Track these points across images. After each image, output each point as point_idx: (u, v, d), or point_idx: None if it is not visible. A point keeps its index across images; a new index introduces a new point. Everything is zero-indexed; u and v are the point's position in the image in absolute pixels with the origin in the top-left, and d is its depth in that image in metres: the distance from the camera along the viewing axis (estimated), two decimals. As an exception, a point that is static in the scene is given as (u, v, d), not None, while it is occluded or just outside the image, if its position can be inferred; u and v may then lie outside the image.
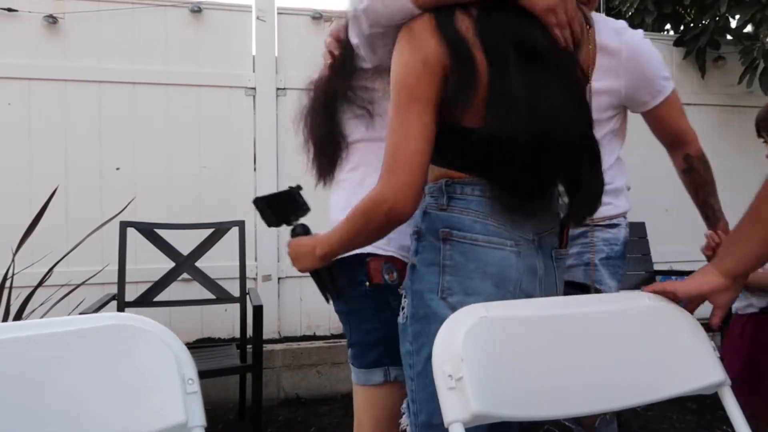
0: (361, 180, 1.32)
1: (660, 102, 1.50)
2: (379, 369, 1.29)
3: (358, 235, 1.08)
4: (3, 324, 0.86)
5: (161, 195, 3.06)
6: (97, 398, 0.83)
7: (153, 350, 0.87)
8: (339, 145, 1.38)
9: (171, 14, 3.11)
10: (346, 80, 1.31)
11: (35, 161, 2.93)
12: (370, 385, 1.31)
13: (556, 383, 0.91)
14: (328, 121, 1.37)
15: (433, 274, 1.05)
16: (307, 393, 3.05)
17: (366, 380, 1.31)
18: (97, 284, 2.75)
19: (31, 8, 2.90)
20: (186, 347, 0.90)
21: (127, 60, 3.05)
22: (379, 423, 1.31)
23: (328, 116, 1.36)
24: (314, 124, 1.41)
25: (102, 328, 0.87)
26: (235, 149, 3.20)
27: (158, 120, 3.08)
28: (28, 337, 0.83)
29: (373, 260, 1.27)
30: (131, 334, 0.87)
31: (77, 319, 0.88)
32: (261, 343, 2.45)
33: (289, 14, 3.27)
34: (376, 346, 1.29)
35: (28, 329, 0.84)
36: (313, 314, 3.29)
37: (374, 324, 1.29)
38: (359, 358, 1.33)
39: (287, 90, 3.23)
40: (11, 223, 2.56)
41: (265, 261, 3.21)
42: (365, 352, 1.31)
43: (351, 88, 1.31)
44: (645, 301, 1.03)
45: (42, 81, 2.94)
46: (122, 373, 0.85)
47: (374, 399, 1.32)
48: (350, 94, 1.31)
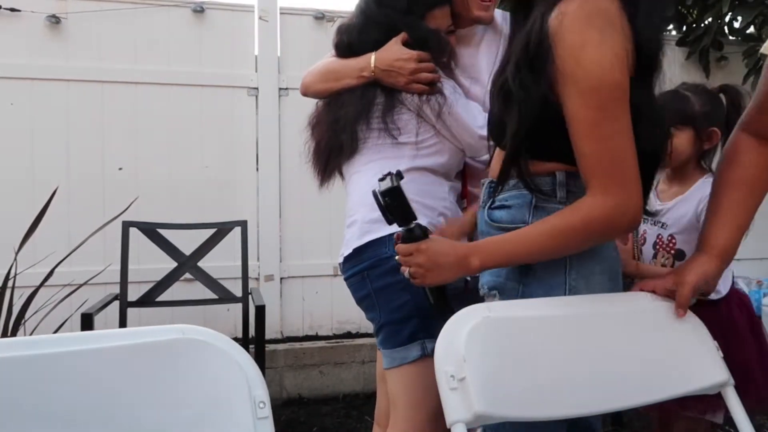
0: (380, 170, 1.34)
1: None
2: (416, 343, 1.28)
3: (567, 249, 0.98)
4: (62, 335, 0.80)
5: (163, 195, 3.06)
6: (159, 420, 0.77)
7: (221, 368, 0.81)
8: (354, 152, 1.41)
9: (173, 14, 3.11)
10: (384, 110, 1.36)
11: (37, 161, 2.93)
12: (406, 364, 1.29)
13: (559, 383, 0.91)
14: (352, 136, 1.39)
15: (558, 274, 1.00)
16: (310, 393, 3.05)
17: (402, 359, 1.29)
18: (100, 284, 2.75)
19: (33, 8, 2.90)
20: (257, 366, 0.84)
21: (129, 60, 3.05)
22: (416, 404, 1.29)
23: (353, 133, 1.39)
24: (330, 135, 1.42)
25: (166, 342, 0.81)
26: (238, 149, 3.20)
27: (160, 120, 3.08)
28: (83, 351, 0.78)
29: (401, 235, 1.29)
30: (198, 349, 0.81)
31: (140, 331, 0.82)
32: (263, 343, 2.45)
33: (291, 14, 3.27)
34: (410, 319, 1.28)
35: (84, 342, 0.79)
36: (316, 314, 3.29)
37: (405, 298, 1.28)
38: (392, 336, 1.31)
39: (290, 90, 3.23)
40: (14, 223, 2.56)
41: (267, 261, 3.21)
42: (399, 328, 1.29)
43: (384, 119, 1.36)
44: (647, 300, 1.03)
45: (44, 81, 2.94)
46: (187, 392, 0.79)
47: (411, 378, 1.29)
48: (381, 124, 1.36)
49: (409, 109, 1.36)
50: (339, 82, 1.42)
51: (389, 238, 1.29)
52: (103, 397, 0.77)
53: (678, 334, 1.01)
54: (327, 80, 1.45)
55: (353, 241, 1.36)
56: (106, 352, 0.79)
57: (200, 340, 0.83)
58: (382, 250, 1.30)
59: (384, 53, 1.36)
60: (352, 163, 1.43)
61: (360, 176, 1.41)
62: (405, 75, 1.33)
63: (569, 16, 0.90)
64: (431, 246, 1.02)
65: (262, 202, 3.20)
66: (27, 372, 0.76)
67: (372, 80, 1.37)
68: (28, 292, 2.29)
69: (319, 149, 1.48)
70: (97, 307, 2.38)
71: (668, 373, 0.99)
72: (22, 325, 2.28)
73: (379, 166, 1.36)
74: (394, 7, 1.37)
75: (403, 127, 1.36)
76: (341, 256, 1.41)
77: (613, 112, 0.91)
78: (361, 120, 1.37)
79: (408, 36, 1.37)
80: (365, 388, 3.03)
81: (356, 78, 1.39)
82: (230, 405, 0.80)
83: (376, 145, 1.38)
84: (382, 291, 1.31)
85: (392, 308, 1.30)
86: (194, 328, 0.84)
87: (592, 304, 1.00)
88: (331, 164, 1.47)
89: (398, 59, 1.34)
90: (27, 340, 0.79)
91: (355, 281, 1.38)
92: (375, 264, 1.31)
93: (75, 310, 2.51)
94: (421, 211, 1.32)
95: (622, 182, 0.92)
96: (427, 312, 1.23)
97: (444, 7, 1.39)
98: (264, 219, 3.20)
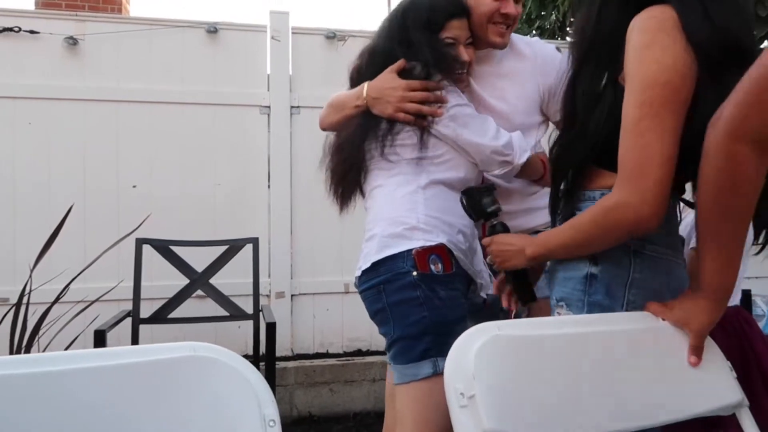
0: (399, 184, 1.39)
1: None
2: (428, 361, 1.27)
3: (586, 241, 1.03)
4: (73, 353, 0.80)
5: (177, 212, 3.09)
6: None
7: (232, 386, 0.80)
8: (369, 170, 1.44)
9: (188, 35, 3.17)
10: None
11: (54, 179, 2.98)
12: (417, 381, 1.28)
13: (568, 402, 0.90)
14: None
15: (618, 287, 1.03)
16: (320, 411, 3.04)
17: (413, 375, 1.28)
18: (113, 300, 2.78)
19: (52, 30, 2.97)
20: (267, 384, 0.83)
21: (144, 80, 3.11)
22: (425, 420, 1.28)
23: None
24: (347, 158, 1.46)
25: (177, 359, 0.81)
26: (250, 167, 3.23)
27: (174, 138, 3.13)
28: (94, 368, 0.78)
29: (419, 251, 1.29)
30: (208, 366, 0.81)
31: (151, 349, 0.82)
32: (274, 360, 2.45)
33: (303, 34, 3.31)
34: (424, 336, 1.27)
35: (95, 359, 0.79)
36: (326, 332, 3.29)
37: (422, 314, 1.28)
38: (405, 352, 1.30)
39: (301, 108, 3.26)
40: (31, 239, 2.60)
41: (278, 278, 3.22)
42: (412, 344, 1.29)
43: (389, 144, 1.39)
44: (658, 320, 1.02)
45: (62, 101, 2.99)
46: (198, 410, 0.79)
47: (421, 395, 1.28)
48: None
49: (413, 135, 1.37)
50: (341, 113, 1.47)
51: (407, 254, 1.30)
52: (114, 415, 0.78)
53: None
54: (334, 113, 1.50)
55: (371, 255, 1.36)
56: (117, 370, 0.79)
57: (211, 357, 0.82)
58: (400, 265, 1.30)
59: (376, 81, 1.40)
60: (371, 179, 1.44)
61: (380, 191, 1.42)
62: (392, 103, 1.35)
63: (638, 20, 0.97)
64: (499, 238, 1.22)
65: (274, 219, 3.22)
66: (39, 389, 0.76)
67: (366, 110, 1.40)
68: (43, 308, 2.32)
69: (335, 174, 1.50)
70: (110, 323, 2.40)
71: (681, 393, 0.98)
72: (36, 341, 2.30)
73: (397, 181, 1.38)
74: (414, 21, 1.39)
75: (402, 153, 1.38)
76: (358, 269, 1.40)
77: (657, 110, 0.92)
78: (365, 143, 1.39)
79: (414, 59, 1.38)
80: (376, 407, 3.00)
81: (353, 108, 1.43)
82: (240, 423, 0.79)
83: (391, 162, 1.39)
84: (397, 305, 1.31)
85: (407, 323, 1.29)
86: (205, 346, 0.84)
87: (603, 323, 1.00)
88: (349, 185, 1.48)
89: (388, 87, 1.37)
90: (39, 357, 0.80)
91: (370, 294, 1.37)
92: (392, 278, 1.31)
93: (87, 325, 2.53)
94: (441, 227, 1.34)
95: (636, 178, 0.93)
96: (442, 329, 1.24)
97: (462, 18, 1.42)
98: (275, 236, 3.22)
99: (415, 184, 1.36)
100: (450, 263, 1.32)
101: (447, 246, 1.32)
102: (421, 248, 1.30)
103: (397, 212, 1.35)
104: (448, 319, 1.29)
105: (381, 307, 1.34)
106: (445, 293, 1.29)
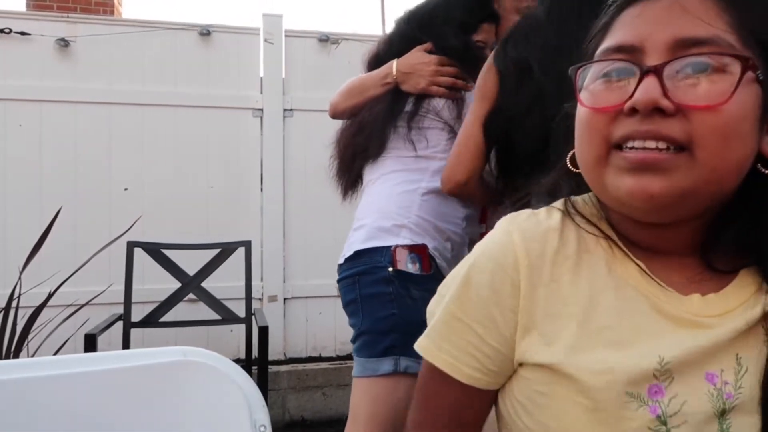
0: (399, 181, 1.39)
1: None
2: (390, 358, 1.26)
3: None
4: (62, 357, 0.79)
5: (169, 215, 3.08)
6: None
7: (222, 391, 0.79)
8: (378, 155, 1.44)
9: (181, 37, 3.16)
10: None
11: (45, 181, 2.96)
12: (376, 377, 1.27)
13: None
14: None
15: None
16: (313, 415, 3.02)
17: (373, 370, 1.28)
18: (104, 304, 2.75)
19: (43, 32, 2.95)
20: (258, 389, 0.82)
21: (136, 82, 3.09)
22: (376, 418, 1.27)
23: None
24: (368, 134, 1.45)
25: (168, 364, 0.79)
26: (242, 170, 3.22)
27: (166, 141, 3.11)
28: (83, 373, 0.76)
29: (398, 248, 1.30)
30: (199, 371, 0.79)
31: (141, 353, 0.80)
32: (266, 364, 2.44)
33: (296, 37, 3.31)
34: (390, 333, 1.27)
35: (84, 364, 0.78)
36: (319, 335, 3.28)
37: (391, 310, 1.28)
38: (369, 346, 1.30)
39: (294, 111, 3.25)
40: (22, 242, 2.58)
41: (271, 281, 3.21)
42: (377, 339, 1.28)
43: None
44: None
45: (53, 103, 2.98)
46: (188, 415, 0.78)
47: (377, 391, 1.28)
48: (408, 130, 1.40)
49: (438, 119, 1.38)
50: (364, 95, 1.45)
51: (387, 249, 1.30)
52: (104, 420, 0.76)
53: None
54: (352, 96, 1.48)
55: (357, 243, 1.37)
56: (106, 375, 0.78)
57: (201, 362, 0.81)
58: (378, 259, 1.31)
59: (406, 58, 1.41)
60: (374, 168, 1.44)
61: (378, 184, 1.42)
62: (425, 76, 1.37)
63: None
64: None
65: (267, 222, 3.21)
66: (28, 394, 0.75)
67: (395, 87, 1.40)
68: (32, 311, 2.29)
69: (343, 157, 1.49)
70: (101, 327, 2.38)
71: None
72: (26, 345, 2.27)
73: (399, 178, 1.38)
74: (446, 20, 1.42)
75: (430, 139, 1.38)
76: (342, 257, 1.41)
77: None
78: (389, 122, 1.39)
79: (441, 46, 1.41)
80: (369, 411, 2.99)
81: (380, 86, 1.42)
82: (231, 429, 0.78)
83: (399, 156, 1.39)
84: (369, 298, 1.31)
85: (375, 318, 1.30)
86: (196, 350, 0.82)
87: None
88: (355, 169, 1.48)
89: (419, 62, 1.38)
90: (27, 362, 0.79)
91: (345, 284, 1.38)
92: (368, 271, 1.32)
93: (78, 329, 2.51)
94: (430, 232, 1.34)
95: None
96: (409, 329, 1.22)
97: (492, 24, 1.44)
98: (268, 239, 3.21)
99: (415, 185, 1.37)
100: (429, 264, 1.32)
101: (429, 249, 1.32)
102: (402, 246, 1.30)
103: (392, 207, 1.36)
104: (417, 319, 1.28)
105: (353, 298, 1.34)
106: (418, 293, 1.28)
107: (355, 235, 1.39)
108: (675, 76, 0.53)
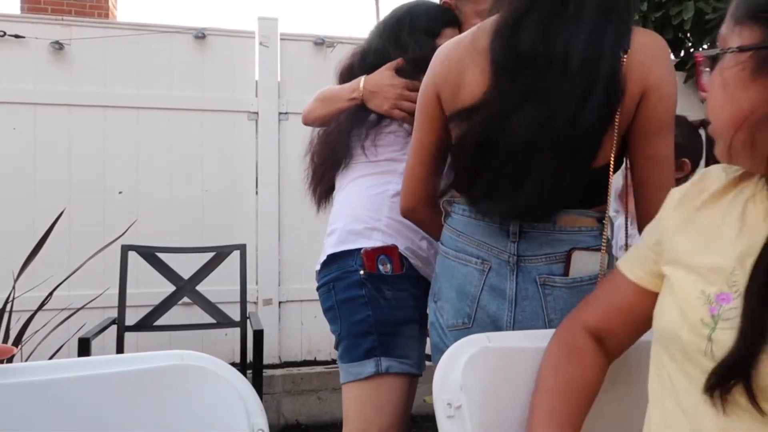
0: (371, 184, 1.40)
1: None
2: (371, 360, 1.28)
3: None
4: (56, 362, 0.79)
5: (163, 218, 3.07)
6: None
7: (219, 395, 0.79)
8: (347, 164, 1.46)
9: (175, 40, 3.15)
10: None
11: (39, 185, 2.95)
12: (360, 380, 1.29)
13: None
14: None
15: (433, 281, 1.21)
16: (308, 419, 3.02)
17: (357, 374, 1.30)
18: (98, 308, 2.75)
19: (38, 34, 2.94)
20: (255, 393, 0.82)
21: (131, 85, 3.09)
22: (367, 420, 1.29)
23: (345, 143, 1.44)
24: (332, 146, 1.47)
25: (164, 368, 0.79)
26: (238, 173, 3.22)
27: (161, 144, 3.11)
28: (78, 378, 0.76)
29: (368, 251, 1.31)
30: (196, 375, 0.79)
31: (137, 357, 0.80)
32: (261, 367, 2.44)
33: (291, 40, 3.31)
34: (369, 335, 1.29)
35: (79, 368, 0.77)
36: (314, 339, 3.28)
37: (366, 312, 1.30)
38: (349, 351, 1.32)
39: (289, 114, 3.26)
40: (15, 246, 2.57)
41: (265, 285, 3.20)
42: (357, 342, 1.30)
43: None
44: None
45: (47, 106, 2.97)
46: (185, 419, 0.77)
47: (363, 394, 1.30)
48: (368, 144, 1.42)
49: (401, 128, 1.40)
50: (332, 107, 1.47)
51: (358, 252, 1.32)
52: (100, 425, 0.76)
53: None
54: (323, 106, 1.50)
55: (329, 248, 1.39)
56: (102, 379, 0.78)
57: (199, 366, 0.81)
58: (350, 263, 1.33)
59: (373, 77, 1.42)
60: (344, 175, 1.46)
61: (348, 189, 1.44)
62: (390, 99, 1.38)
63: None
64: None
65: (262, 226, 3.21)
66: (22, 399, 0.75)
67: (361, 103, 1.41)
68: (26, 315, 2.28)
69: (316, 168, 1.52)
70: (95, 331, 2.37)
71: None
72: (20, 349, 2.26)
73: (368, 182, 1.40)
74: (411, 26, 1.43)
75: (394, 143, 1.40)
76: (318, 263, 1.43)
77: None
78: (353, 129, 1.41)
79: (411, 58, 1.41)
80: (364, 414, 2.99)
81: (347, 101, 1.44)
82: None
83: (367, 162, 1.41)
84: (344, 303, 1.33)
85: (352, 322, 1.31)
86: (192, 354, 0.82)
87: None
88: (326, 179, 1.50)
89: (387, 84, 1.39)
90: (21, 366, 0.79)
91: (323, 292, 1.40)
92: (341, 276, 1.33)
93: (73, 334, 2.50)
94: (403, 233, 1.36)
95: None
96: (386, 329, 1.26)
97: (455, 28, 1.45)
98: (263, 243, 3.20)
99: (384, 188, 1.39)
100: (400, 265, 1.34)
101: (400, 249, 1.34)
102: (371, 248, 1.32)
103: (362, 211, 1.38)
104: (393, 320, 1.31)
105: (331, 305, 1.36)
106: (391, 293, 1.30)
107: (329, 240, 1.42)
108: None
